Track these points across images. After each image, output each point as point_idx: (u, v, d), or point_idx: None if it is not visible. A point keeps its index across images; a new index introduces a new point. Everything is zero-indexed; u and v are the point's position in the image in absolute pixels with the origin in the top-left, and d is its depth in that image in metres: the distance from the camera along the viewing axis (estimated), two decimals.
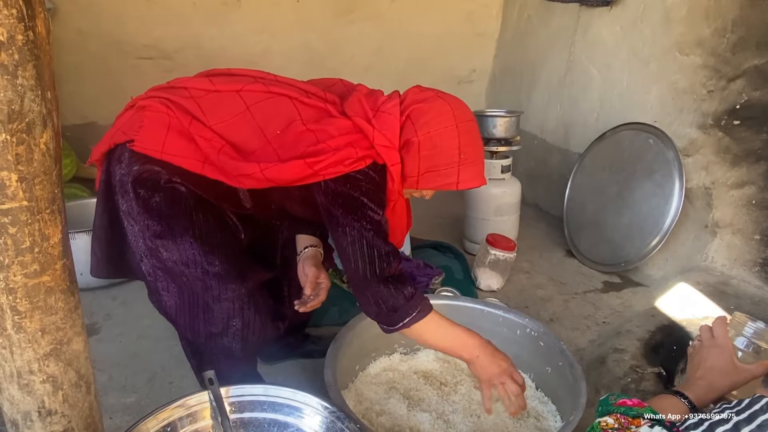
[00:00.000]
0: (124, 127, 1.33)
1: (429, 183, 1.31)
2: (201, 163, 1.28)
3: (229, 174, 1.28)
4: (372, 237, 1.23)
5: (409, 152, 1.28)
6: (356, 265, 1.25)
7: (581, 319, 2.14)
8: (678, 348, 1.71)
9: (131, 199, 1.29)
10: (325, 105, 1.34)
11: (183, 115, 1.29)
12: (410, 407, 1.41)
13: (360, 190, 1.25)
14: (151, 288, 1.42)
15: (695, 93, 2.29)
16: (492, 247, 2.30)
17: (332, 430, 1.06)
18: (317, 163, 1.23)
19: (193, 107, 1.30)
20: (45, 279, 0.79)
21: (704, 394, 1.02)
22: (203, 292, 1.31)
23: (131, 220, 1.31)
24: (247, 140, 1.29)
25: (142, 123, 1.29)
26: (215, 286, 1.30)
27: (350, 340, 1.46)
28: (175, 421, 1.04)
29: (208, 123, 1.29)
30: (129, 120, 1.33)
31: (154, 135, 1.28)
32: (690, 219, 2.28)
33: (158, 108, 1.31)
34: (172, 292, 1.36)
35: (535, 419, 1.40)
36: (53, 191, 0.78)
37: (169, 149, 1.27)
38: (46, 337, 0.81)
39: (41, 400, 0.83)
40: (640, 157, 2.43)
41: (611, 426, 0.84)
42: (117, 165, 1.32)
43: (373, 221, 1.24)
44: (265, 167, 1.25)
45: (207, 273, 1.30)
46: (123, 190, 1.31)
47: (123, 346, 1.92)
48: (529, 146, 3.34)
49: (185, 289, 1.34)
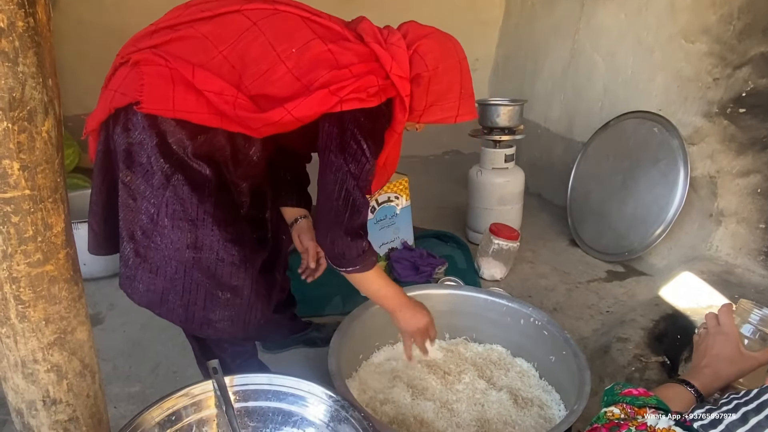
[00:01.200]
0: (122, 87, 1.19)
1: (431, 116, 1.34)
2: (218, 117, 1.20)
3: (251, 127, 1.22)
4: (354, 186, 1.25)
5: (419, 86, 1.29)
6: (329, 205, 1.26)
7: (585, 309, 2.13)
8: (682, 337, 1.70)
9: (145, 172, 1.20)
10: (340, 28, 1.28)
11: (183, 66, 1.17)
12: (414, 396, 1.41)
13: (363, 131, 1.24)
14: (129, 271, 1.28)
15: (700, 81, 2.27)
16: (495, 237, 2.29)
17: (336, 418, 1.06)
18: (341, 90, 1.19)
19: (189, 51, 1.19)
20: (48, 268, 0.79)
21: (710, 382, 1.02)
22: (208, 279, 1.26)
23: (135, 195, 1.22)
24: (257, 60, 1.20)
25: (143, 81, 1.17)
26: (226, 273, 1.27)
27: (354, 329, 1.45)
28: (180, 410, 1.04)
29: (212, 56, 1.19)
30: (125, 79, 1.20)
31: (161, 92, 1.17)
32: (694, 208, 2.26)
33: (154, 60, 1.18)
34: (163, 276, 1.26)
35: (539, 408, 1.40)
36: (56, 180, 0.77)
37: (180, 106, 1.17)
38: (50, 326, 0.81)
39: (46, 389, 0.83)
40: (645, 145, 2.41)
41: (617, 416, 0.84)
42: (123, 133, 1.20)
43: (362, 169, 1.25)
44: (292, 107, 1.19)
45: (222, 261, 1.25)
46: (130, 160, 1.21)
47: (127, 336, 1.93)
48: (533, 135, 3.32)
49: (185, 274, 1.26)
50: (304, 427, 1.09)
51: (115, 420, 1.46)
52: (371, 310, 1.52)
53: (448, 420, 1.34)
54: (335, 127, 1.24)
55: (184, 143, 1.20)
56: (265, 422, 1.10)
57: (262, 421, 1.10)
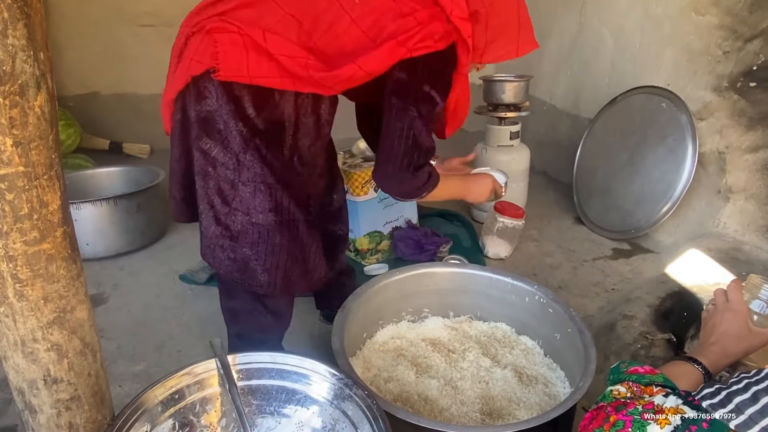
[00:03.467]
0: (198, 55, 1.20)
1: (492, 54, 1.33)
2: (292, 79, 1.21)
3: (324, 85, 1.24)
4: (421, 129, 1.28)
5: (478, 23, 1.27)
6: (396, 152, 1.29)
7: (590, 286, 2.12)
8: (688, 314, 1.69)
9: (223, 138, 1.22)
10: None
11: (254, 31, 1.19)
12: (418, 374, 1.41)
13: (432, 76, 1.26)
14: (209, 241, 1.31)
15: (710, 54, 2.23)
16: (500, 215, 2.27)
17: (340, 396, 1.06)
18: (409, 40, 1.20)
19: (256, 15, 1.20)
20: (45, 246, 0.77)
21: (718, 359, 1.00)
22: (289, 241, 1.29)
23: (214, 162, 1.24)
24: (322, 14, 1.21)
25: (217, 48, 1.18)
26: (302, 234, 1.31)
27: (358, 307, 1.44)
28: (183, 389, 1.03)
29: (279, 17, 1.20)
30: (200, 47, 1.21)
31: (235, 59, 1.18)
32: (702, 184, 2.24)
33: (226, 28, 1.20)
34: (245, 242, 1.28)
35: (543, 385, 1.39)
36: (50, 156, 0.76)
37: (255, 71, 1.19)
38: (49, 305, 0.80)
39: (46, 368, 0.83)
40: (653, 121, 2.38)
41: (623, 395, 0.82)
42: (199, 100, 1.22)
43: (430, 112, 1.28)
44: (362, 62, 1.20)
45: (297, 221, 1.29)
46: (208, 127, 1.23)
47: (131, 316, 1.93)
48: (539, 112, 3.28)
49: (268, 238, 1.28)
50: (307, 405, 1.09)
51: (119, 398, 1.46)
52: (375, 287, 1.51)
53: (452, 397, 1.34)
54: (404, 73, 1.25)
55: (258, 108, 1.22)
56: (268, 400, 1.10)
57: (266, 399, 1.10)
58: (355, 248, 2.21)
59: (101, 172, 2.77)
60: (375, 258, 2.23)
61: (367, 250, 2.20)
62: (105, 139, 3.72)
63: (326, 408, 1.07)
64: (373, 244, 2.20)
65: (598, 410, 0.81)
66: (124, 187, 2.59)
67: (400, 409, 1.07)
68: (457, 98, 1.40)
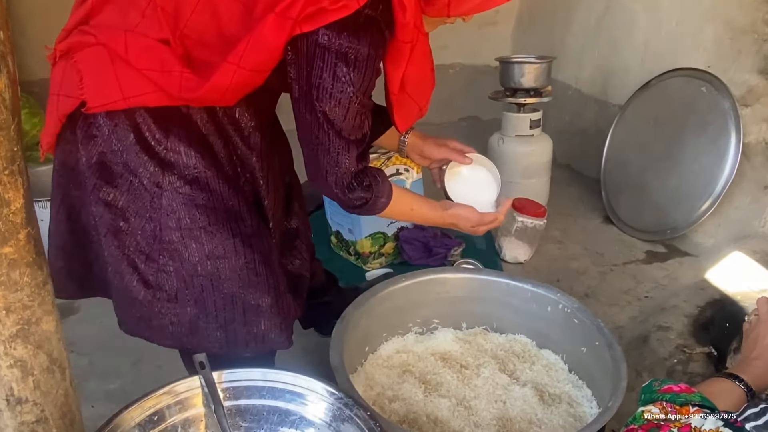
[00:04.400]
0: (64, 89, 1.10)
1: (463, 2, 1.10)
2: (175, 95, 1.09)
3: (212, 99, 1.12)
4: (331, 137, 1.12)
5: None
6: (314, 166, 1.19)
7: (620, 294, 2.12)
8: (731, 325, 1.69)
9: (129, 183, 1.12)
10: None
11: (114, 38, 1.06)
12: (427, 392, 1.41)
13: (338, 54, 1.05)
14: (140, 311, 1.20)
15: (756, 32, 2.22)
16: (519, 214, 2.27)
17: (340, 418, 1.06)
18: (290, 9, 1.00)
19: (117, 14, 1.09)
20: (7, 250, 0.78)
21: (762, 375, 1.01)
22: (242, 288, 1.19)
23: (125, 214, 1.14)
24: None
25: (80, 73, 1.07)
26: (260, 275, 1.20)
27: (359, 318, 1.45)
28: (163, 409, 1.04)
29: (142, 9, 1.08)
30: (63, 77, 1.11)
31: (102, 80, 1.07)
32: (747, 179, 2.23)
33: (86, 42, 1.09)
34: (186, 301, 1.18)
35: (567, 405, 1.39)
36: (12, 149, 0.76)
37: (129, 90, 1.06)
38: (12, 316, 0.80)
39: (9, 387, 0.83)
40: (691, 108, 2.37)
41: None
42: (88, 141, 1.12)
43: (342, 106, 1.09)
44: (237, 58, 1.03)
45: (251, 262, 1.19)
46: (107, 173, 1.12)
47: (104, 327, 1.93)
48: (562, 98, 3.28)
49: (213, 290, 1.18)
50: (303, 428, 1.09)
51: (92, 420, 1.46)
52: (378, 296, 1.51)
53: (465, 419, 1.34)
54: (295, 55, 1.07)
55: (162, 133, 1.12)
56: (259, 422, 1.10)
57: (256, 421, 1.10)
58: (356, 251, 2.21)
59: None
60: (378, 262, 2.24)
61: (369, 253, 2.20)
62: None
63: (323, 430, 1.07)
64: (375, 246, 2.20)
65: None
66: None
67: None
68: (406, 75, 1.20)
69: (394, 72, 1.19)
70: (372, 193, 1.24)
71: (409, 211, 1.39)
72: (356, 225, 2.13)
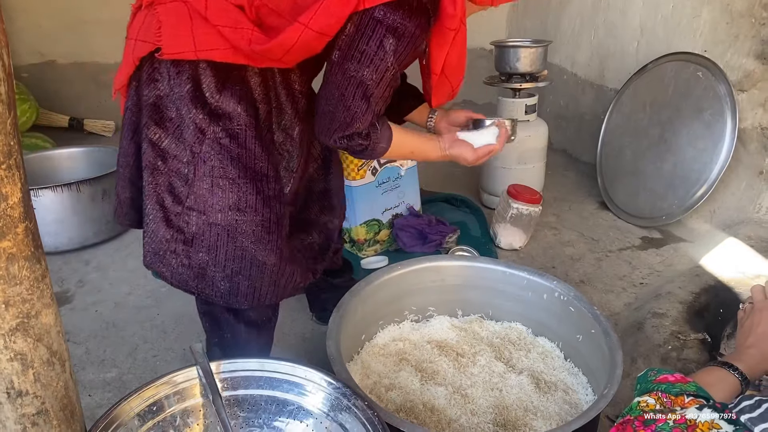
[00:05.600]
0: (142, 34, 1.22)
1: None
2: (243, 54, 1.20)
3: (274, 58, 1.22)
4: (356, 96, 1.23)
5: None
6: (327, 109, 1.27)
7: (616, 280, 2.14)
8: (725, 311, 1.71)
9: (176, 127, 1.22)
10: None
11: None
12: (423, 381, 1.43)
13: (389, 30, 1.18)
14: (157, 245, 1.29)
15: (753, 16, 2.22)
16: (514, 200, 2.28)
17: (337, 407, 1.08)
18: None
19: None
20: (5, 245, 0.78)
21: (756, 364, 1.01)
22: (254, 244, 1.27)
23: (164, 155, 1.24)
24: None
25: (160, 23, 1.19)
26: (272, 235, 1.28)
27: (355, 307, 1.46)
28: (162, 400, 1.05)
29: None
30: (143, 24, 1.22)
31: (180, 32, 1.18)
32: (742, 165, 2.24)
33: None
34: (201, 246, 1.26)
35: (563, 392, 1.41)
36: (8, 143, 0.76)
37: (202, 44, 1.18)
38: (11, 310, 0.81)
39: (10, 380, 0.84)
40: (687, 92, 2.38)
41: (652, 407, 0.84)
42: (150, 84, 1.23)
43: (379, 75, 1.22)
44: (308, 19, 1.15)
45: (266, 221, 1.27)
46: (158, 115, 1.23)
47: (99, 316, 1.95)
48: (558, 82, 3.28)
49: (228, 240, 1.26)
50: (301, 417, 1.11)
51: (90, 409, 1.49)
52: (374, 284, 1.53)
53: (461, 407, 1.36)
54: (353, 26, 1.20)
55: (217, 87, 1.21)
56: (257, 412, 1.11)
57: (254, 411, 1.11)
58: (350, 239, 2.22)
59: (61, 153, 2.77)
60: (373, 250, 2.25)
61: (364, 240, 2.21)
62: (64, 115, 3.70)
63: (322, 420, 1.09)
64: (370, 233, 2.21)
65: (624, 425, 0.82)
66: (88, 171, 2.59)
67: (403, 421, 1.09)
68: (447, 59, 1.34)
69: (438, 55, 1.32)
70: (370, 140, 1.32)
71: (410, 153, 1.48)
72: (351, 212, 2.13)
